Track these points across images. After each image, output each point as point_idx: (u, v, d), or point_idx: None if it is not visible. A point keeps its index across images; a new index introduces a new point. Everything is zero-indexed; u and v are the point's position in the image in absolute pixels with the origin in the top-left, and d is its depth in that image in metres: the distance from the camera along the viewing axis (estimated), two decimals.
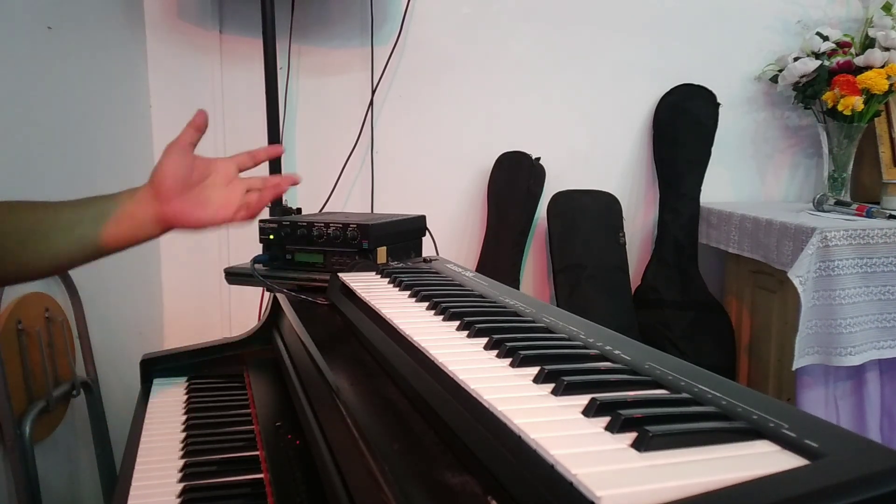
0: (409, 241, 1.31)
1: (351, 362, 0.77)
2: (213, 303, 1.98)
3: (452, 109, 2.03)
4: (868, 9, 2.03)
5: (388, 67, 1.96)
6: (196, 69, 1.93)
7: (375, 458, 0.50)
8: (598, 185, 2.05)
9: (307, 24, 1.94)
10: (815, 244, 1.55)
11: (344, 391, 0.66)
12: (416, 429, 0.57)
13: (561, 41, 2.04)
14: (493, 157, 2.02)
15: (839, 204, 1.82)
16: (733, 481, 0.36)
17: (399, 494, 0.45)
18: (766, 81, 2.10)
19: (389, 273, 1.00)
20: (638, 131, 2.11)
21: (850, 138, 1.92)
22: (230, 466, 0.85)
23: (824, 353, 1.58)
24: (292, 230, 1.21)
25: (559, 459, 0.38)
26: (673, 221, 2.04)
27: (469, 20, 2.00)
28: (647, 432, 0.40)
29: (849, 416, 1.71)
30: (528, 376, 0.53)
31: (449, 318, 0.72)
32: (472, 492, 0.45)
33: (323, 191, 1.97)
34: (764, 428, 0.42)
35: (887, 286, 1.60)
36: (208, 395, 1.10)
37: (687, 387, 0.50)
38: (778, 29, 2.09)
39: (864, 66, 1.86)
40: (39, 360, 1.31)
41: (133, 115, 1.87)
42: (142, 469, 0.85)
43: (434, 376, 0.57)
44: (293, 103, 1.97)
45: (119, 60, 1.81)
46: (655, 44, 2.07)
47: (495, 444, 0.45)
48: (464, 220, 2.09)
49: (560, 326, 0.68)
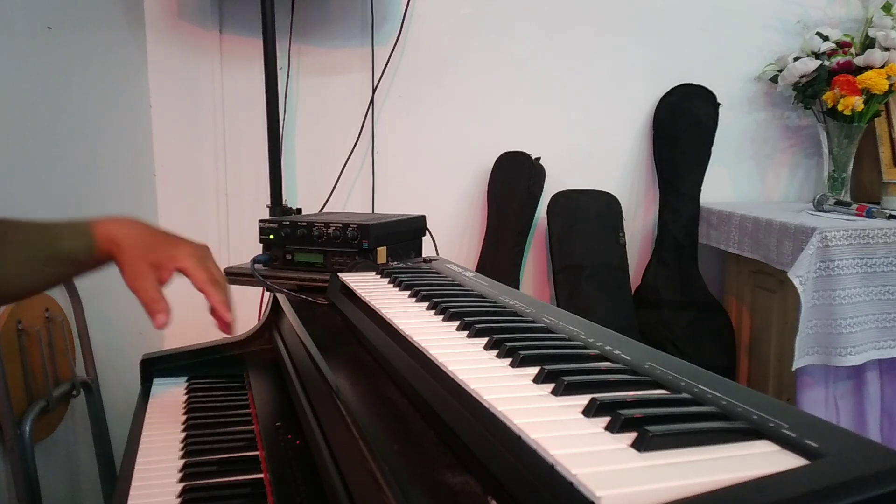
0: (409, 241, 1.31)
1: (351, 362, 0.77)
2: None
3: (452, 109, 2.03)
4: (868, 9, 2.03)
5: (388, 67, 1.96)
6: (196, 69, 1.93)
7: (375, 458, 0.50)
8: (598, 184, 2.05)
9: (307, 24, 1.94)
10: (815, 244, 1.55)
11: (344, 391, 0.66)
12: (416, 429, 0.57)
13: (561, 41, 2.04)
14: (493, 157, 2.02)
15: (839, 204, 1.82)
16: (733, 481, 0.36)
17: (399, 494, 0.45)
18: (766, 81, 2.10)
19: (389, 273, 1.00)
20: (638, 131, 2.11)
21: (850, 138, 1.92)
22: (230, 466, 0.85)
23: (824, 353, 1.58)
24: (292, 230, 1.21)
25: (559, 459, 0.38)
26: (673, 221, 2.04)
27: (469, 20, 2.00)
28: (647, 432, 0.40)
29: (849, 416, 1.71)
30: (528, 376, 0.53)
31: (449, 318, 0.72)
32: (472, 492, 0.45)
33: (323, 191, 1.97)
34: (764, 428, 0.42)
35: (887, 286, 1.60)
36: (208, 395, 1.10)
37: (687, 387, 0.50)
38: (778, 29, 2.09)
39: (864, 66, 1.86)
40: (39, 360, 1.31)
41: (133, 115, 1.87)
42: (142, 469, 0.85)
43: (434, 376, 0.57)
44: (293, 103, 1.97)
45: (119, 60, 1.81)
46: (655, 44, 2.07)
47: (495, 444, 0.45)
48: (464, 220, 2.09)
49: (560, 326, 0.68)
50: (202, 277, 0.86)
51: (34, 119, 1.41)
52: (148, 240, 0.86)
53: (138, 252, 0.84)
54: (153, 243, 0.86)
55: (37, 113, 1.42)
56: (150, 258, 0.84)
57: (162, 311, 0.82)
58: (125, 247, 0.84)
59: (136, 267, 0.83)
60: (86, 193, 1.61)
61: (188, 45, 1.92)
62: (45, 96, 1.45)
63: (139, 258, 0.84)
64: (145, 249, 0.85)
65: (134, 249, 0.84)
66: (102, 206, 1.68)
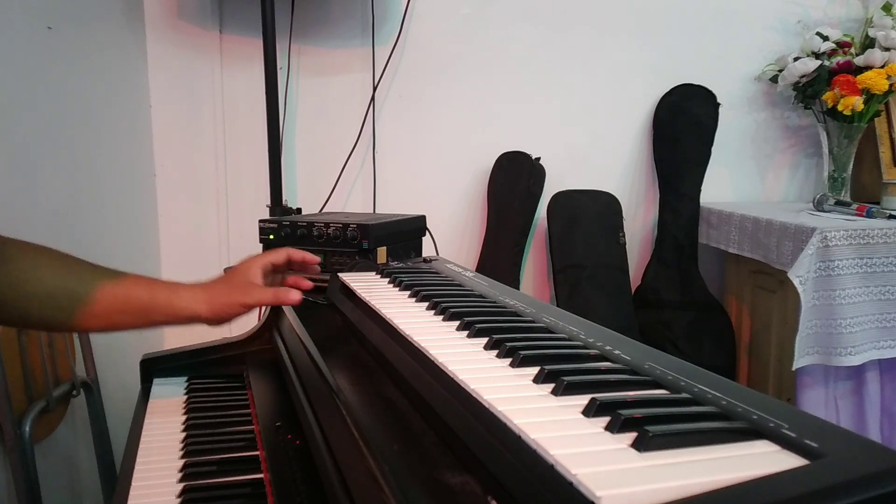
0: (409, 241, 1.31)
1: (351, 362, 0.77)
2: None
3: (452, 109, 2.03)
4: (868, 9, 2.03)
5: (389, 67, 1.96)
6: (196, 69, 1.93)
7: (375, 458, 0.50)
8: (598, 184, 2.05)
9: (307, 24, 1.94)
10: (815, 244, 1.55)
11: (344, 391, 0.66)
12: (416, 429, 0.57)
13: (561, 41, 2.04)
14: (493, 157, 2.02)
15: (839, 204, 1.82)
16: (733, 481, 0.36)
17: (399, 494, 0.45)
18: (766, 81, 2.10)
19: (389, 273, 1.00)
20: (638, 131, 2.11)
21: (850, 138, 1.92)
22: (230, 466, 0.85)
23: (824, 353, 1.58)
24: (292, 230, 1.21)
25: (559, 459, 0.38)
26: (673, 221, 2.04)
27: (469, 20, 2.00)
28: (647, 432, 0.40)
29: (849, 416, 1.71)
30: (528, 376, 0.53)
31: (449, 318, 0.72)
32: (472, 492, 0.45)
33: (323, 191, 1.97)
34: (764, 428, 0.42)
35: (887, 286, 1.60)
36: (208, 395, 1.10)
37: (687, 387, 0.50)
38: (778, 29, 2.09)
39: (864, 66, 1.86)
40: (39, 360, 1.31)
41: (133, 115, 1.87)
42: (142, 469, 0.85)
43: (434, 376, 0.57)
44: (293, 103, 1.97)
45: (119, 60, 1.81)
46: (655, 44, 2.07)
47: (495, 444, 0.45)
48: (464, 220, 2.09)
49: (560, 326, 0.68)
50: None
51: (34, 119, 1.41)
52: (220, 295, 0.87)
53: (223, 302, 0.86)
54: (224, 291, 0.88)
55: (37, 113, 1.42)
56: (234, 293, 0.87)
57: (288, 296, 0.88)
58: (216, 314, 0.86)
59: (231, 302, 0.86)
60: (86, 193, 1.61)
61: (188, 45, 1.92)
62: (45, 96, 1.45)
63: (227, 303, 0.86)
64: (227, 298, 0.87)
65: (219, 312, 0.86)
66: (102, 206, 1.68)
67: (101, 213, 1.68)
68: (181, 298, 0.84)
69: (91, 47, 1.65)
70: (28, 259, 0.79)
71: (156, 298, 0.83)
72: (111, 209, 1.73)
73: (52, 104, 1.48)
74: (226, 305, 0.86)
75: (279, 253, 0.93)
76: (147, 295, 0.83)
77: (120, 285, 0.83)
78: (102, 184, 1.69)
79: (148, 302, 0.83)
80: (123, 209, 1.81)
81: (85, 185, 1.61)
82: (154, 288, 0.84)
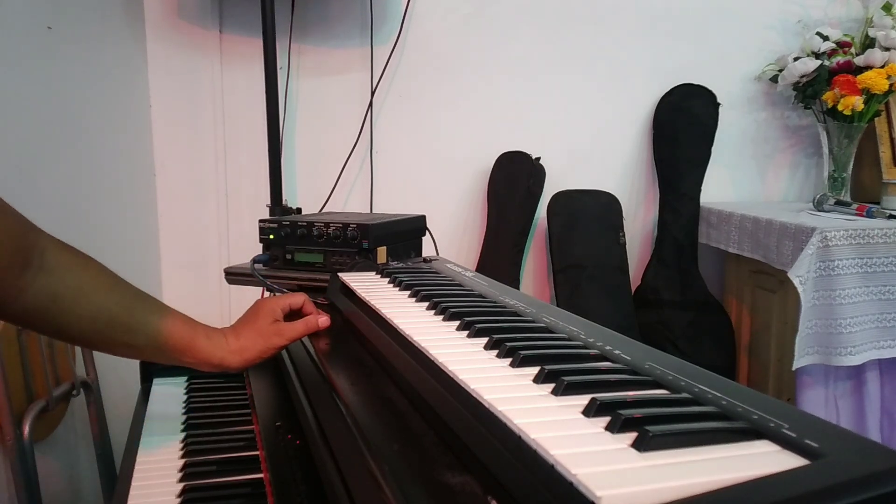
0: (409, 241, 1.31)
1: (351, 362, 0.77)
2: (213, 303, 1.98)
3: (452, 109, 2.03)
4: (868, 9, 2.03)
5: (388, 67, 1.96)
6: (196, 69, 1.93)
7: (375, 458, 0.50)
8: (598, 184, 2.05)
9: (307, 24, 1.94)
10: (815, 244, 1.55)
11: (344, 391, 0.66)
12: (415, 429, 0.57)
13: (561, 41, 2.04)
14: (493, 157, 2.02)
15: (839, 204, 1.82)
16: (733, 481, 0.36)
17: (399, 494, 0.45)
18: (766, 81, 2.10)
19: (389, 273, 0.99)
20: (638, 131, 2.11)
21: (850, 138, 1.92)
22: (230, 466, 0.85)
23: (824, 353, 1.58)
24: (292, 230, 1.21)
25: (559, 459, 0.38)
26: (673, 221, 2.04)
27: (469, 20, 2.00)
28: (648, 432, 0.40)
29: (849, 416, 1.71)
30: (528, 376, 0.53)
31: (449, 318, 0.72)
32: (472, 492, 0.45)
33: (323, 191, 1.97)
34: (764, 428, 0.42)
35: (887, 286, 1.60)
36: (208, 395, 1.10)
37: (687, 387, 0.50)
38: (778, 29, 2.09)
39: (864, 66, 1.86)
40: (39, 360, 1.31)
41: (133, 115, 1.87)
42: (142, 469, 0.85)
43: (434, 376, 0.57)
44: (293, 103, 1.97)
45: (119, 60, 1.81)
46: (655, 44, 2.07)
47: (495, 444, 0.45)
48: (464, 220, 2.09)
49: (560, 326, 0.68)
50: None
51: (34, 119, 1.41)
52: (253, 338, 0.86)
53: (256, 355, 0.84)
54: (257, 334, 0.86)
55: (37, 113, 1.42)
56: (268, 338, 0.85)
57: (319, 322, 0.88)
58: (247, 364, 0.85)
59: (265, 348, 0.84)
60: (86, 193, 1.61)
61: (188, 44, 1.92)
62: (45, 96, 1.45)
63: (262, 350, 0.84)
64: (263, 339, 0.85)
65: (256, 350, 0.85)
66: (102, 206, 1.68)
67: (102, 212, 1.68)
68: (217, 348, 0.81)
69: (91, 47, 1.65)
70: (73, 275, 0.75)
71: (195, 345, 0.80)
72: (111, 208, 1.73)
73: (52, 104, 1.48)
74: (261, 353, 0.84)
75: (297, 298, 0.91)
76: (188, 341, 0.80)
77: (171, 324, 0.80)
78: (102, 183, 1.69)
79: (186, 347, 0.80)
80: (123, 208, 1.81)
81: (85, 184, 1.61)
82: (195, 334, 0.81)
